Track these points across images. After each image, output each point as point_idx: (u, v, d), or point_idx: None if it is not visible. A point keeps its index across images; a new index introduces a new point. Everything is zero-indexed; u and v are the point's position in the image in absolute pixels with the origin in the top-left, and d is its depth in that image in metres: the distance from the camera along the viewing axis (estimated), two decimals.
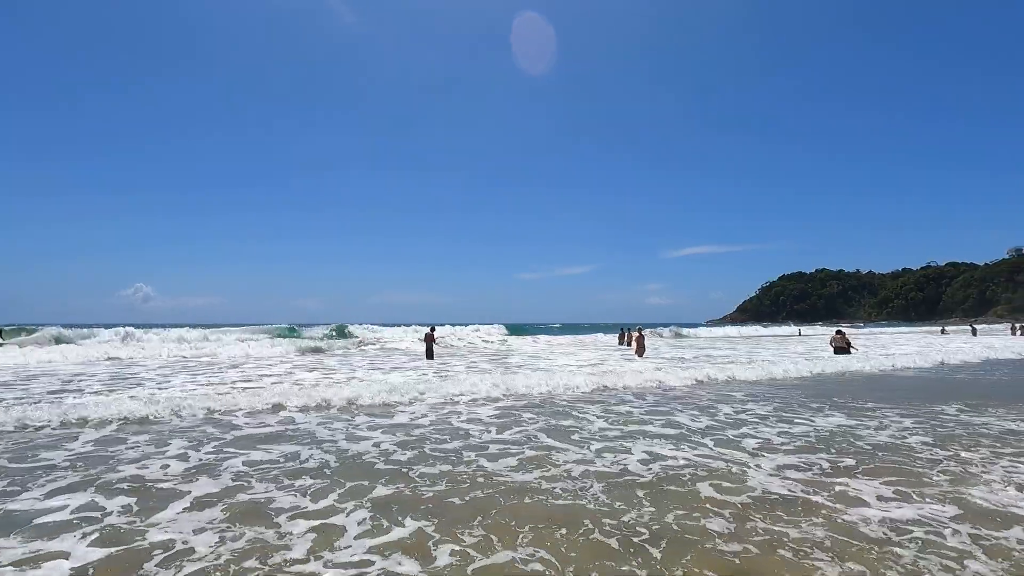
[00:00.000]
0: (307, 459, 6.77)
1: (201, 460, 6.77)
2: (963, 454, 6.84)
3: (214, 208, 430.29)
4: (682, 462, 6.53)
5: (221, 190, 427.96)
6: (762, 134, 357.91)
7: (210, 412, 9.61)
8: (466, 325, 46.94)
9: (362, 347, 32.55)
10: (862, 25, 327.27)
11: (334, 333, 39.25)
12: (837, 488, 5.50)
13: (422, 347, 29.32)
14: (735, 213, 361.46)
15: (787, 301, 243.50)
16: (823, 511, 4.86)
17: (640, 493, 5.36)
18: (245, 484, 5.77)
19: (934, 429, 8.34)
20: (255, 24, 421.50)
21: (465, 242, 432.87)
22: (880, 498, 5.19)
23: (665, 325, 67.24)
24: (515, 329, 51.43)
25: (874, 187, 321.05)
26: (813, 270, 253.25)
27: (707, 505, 5.03)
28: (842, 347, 22.39)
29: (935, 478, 5.80)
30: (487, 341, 37.53)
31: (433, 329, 23.30)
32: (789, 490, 5.44)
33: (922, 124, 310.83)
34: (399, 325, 46.21)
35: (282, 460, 6.75)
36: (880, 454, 6.85)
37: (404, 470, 6.25)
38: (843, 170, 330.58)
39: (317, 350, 29.39)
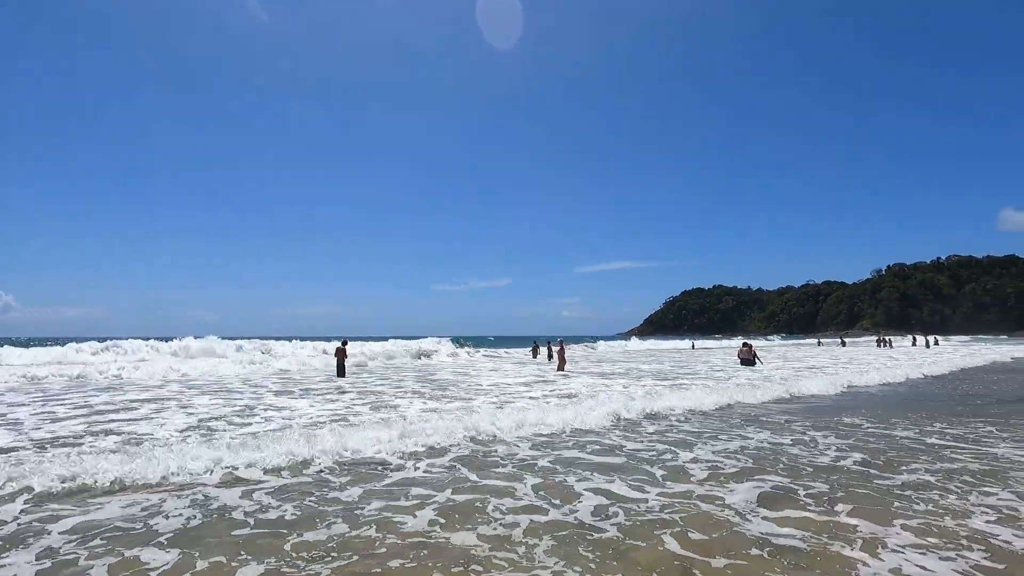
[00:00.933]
0: None
1: None
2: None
3: (90, 210, 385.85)
4: None
5: (95, 188, 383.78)
6: (673, 152, 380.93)
7: None
8: (384, 339, 44.64)
9: (255, 363, 29.52)
10: (754, 59, 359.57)
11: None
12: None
13: (321, 363, 27.56)
14: (645, 231, 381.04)
15: (688, 315, 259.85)
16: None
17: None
18: None
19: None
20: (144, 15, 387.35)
21: (380, 252, 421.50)
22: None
23: (579, 338, 68.93)
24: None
25: (765, 208, 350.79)
26: (711, 286, 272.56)
27: None
28: (748, 359, 23.62)
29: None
30: (420, 354, 35.96)
31: (345, 343, 21.76)
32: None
33: (805, 151, 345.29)
34: (306, 339, 43.12)
35: None
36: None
37: None
38: (740, 190, 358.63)
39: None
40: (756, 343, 70.06)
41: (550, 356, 35.26)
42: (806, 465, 7.00)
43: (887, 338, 65.49)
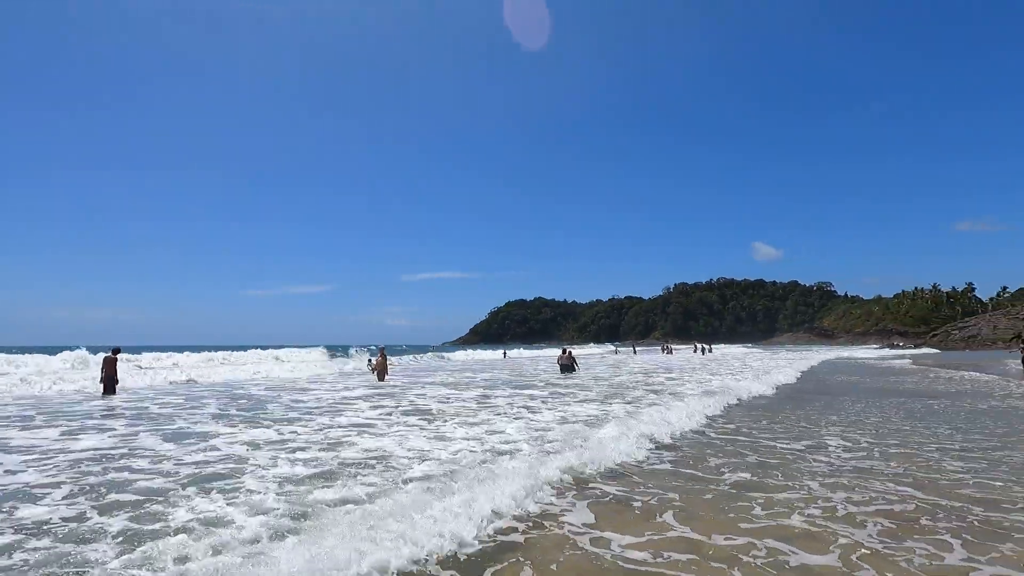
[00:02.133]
0: None
1: None
2: None
3: None
4: None
5: None
6: (499, 173, 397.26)
7: None
8: (180, 350, 37.81)
9: None
10: (578, 90, 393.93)
11: None
12: None
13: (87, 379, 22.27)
14: (472, 242, 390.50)
15: (511, 324, 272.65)
16: None
17: None
18: None
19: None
20: None
21: (183, 250, 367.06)
22: None
23: (409, 347, 67.27)
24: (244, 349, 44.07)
25: (581, 226, 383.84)
26: (533, 298, 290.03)
27: None
28: (567, 364, 24.91)
29: None
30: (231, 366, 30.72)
31: (117, 352, 17.69)
32: None
33: (615, 180, 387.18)
34: (62, 348, 34.25)
35: None
36: None
37: None
38: (560, 212, 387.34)
39: None
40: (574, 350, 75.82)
41: (373, 368, 33.47)
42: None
43: (670, 346, 75.33)
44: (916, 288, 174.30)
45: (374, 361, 32.21)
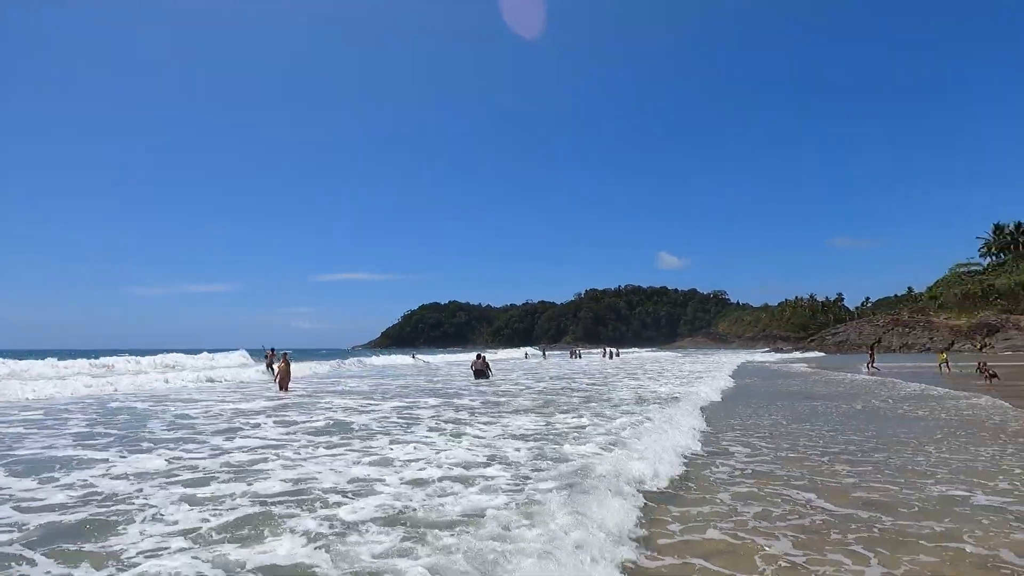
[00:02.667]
0: None
1: None
2: None
3: None
4: None
5: None
6: (406, 169, 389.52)
7: None
8: (43, 355, 32.11)
9: None
10: (502, 92, 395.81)
11: None
12: None
13: None
14: (385, 244, 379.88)
15: (425, 328, 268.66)
16: None
17: None
18: None
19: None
20: None
21: (46, 244, 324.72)
22: None
23: (314, 351, 63.80)
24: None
25: (497, 230, 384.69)
26: (447, 301, 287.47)
27: None
28: (481, 370, 24.53)
29: None
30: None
31: None
32: None
33: (531, 181, 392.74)
34: None
35: None
36: None
37: None
38: (477, 214, 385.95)
39: None
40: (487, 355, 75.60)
41: (269, 366, 30.96)
42: None
43: (579, 350, 77.44)
44: (796, 297, 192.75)
45: (276, 367, 29.89)
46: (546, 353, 76.06)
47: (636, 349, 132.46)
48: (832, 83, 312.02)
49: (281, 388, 20.91)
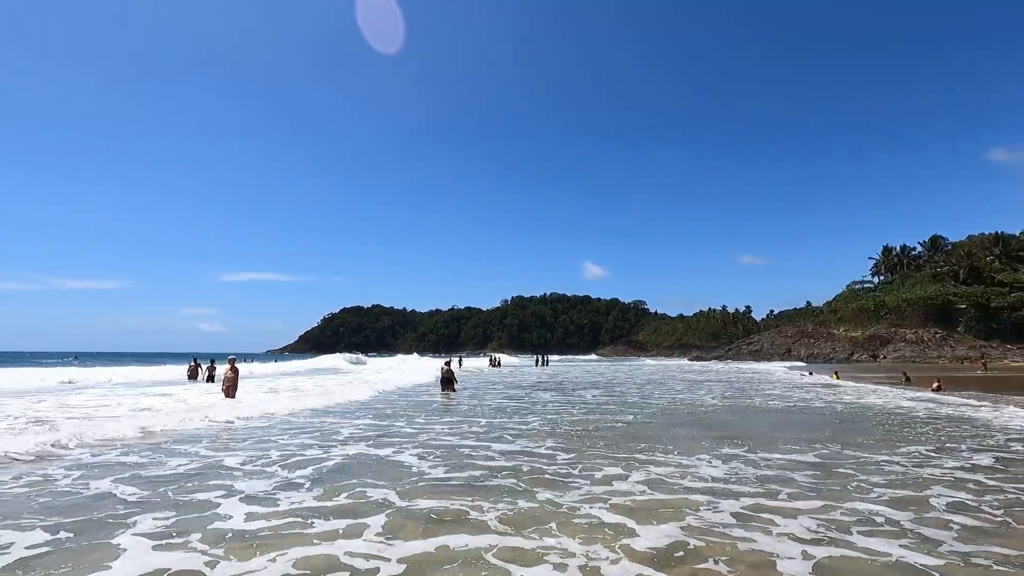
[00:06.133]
0: None
1: None
2: None
3: None
4: None
5: None
6: (320, 170, 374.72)
7: None
8: None
9: None
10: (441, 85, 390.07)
11: None
12: None
13: None
14: (304, 241, 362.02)
15: (346, 332, 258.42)
16: None
17: None
18: None
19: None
20: None
21: None
22: None
23: (224, 355, 58.41)
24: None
25: (421, 233, 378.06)
26: (370, 305, 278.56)
27: None
28: (448, 379, 23.16)
29: None
30: None
31: None
32: None
33: (459, 186, 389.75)
34: None
35: None
36: None
37: None
38: (400, 216, 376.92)
39: None
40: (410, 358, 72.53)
41: (210, 378, 27.99)
42: None
43: (497, 357, 75.80)
44: (710, 309, 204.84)
45: (223, 370, 27.25)
46: (462, 360, 54.67)
47: (560, 357, 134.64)
48: (717, 117, 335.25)
49: (228, 394, 18.81)
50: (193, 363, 30.54)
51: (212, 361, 29.71)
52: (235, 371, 19.37)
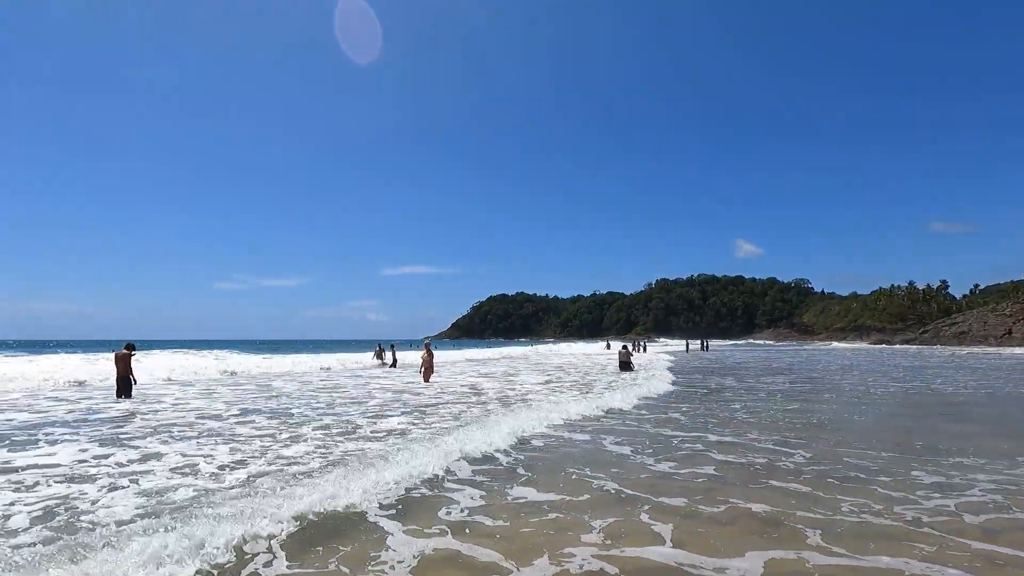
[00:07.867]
0: None
1: None
2: None
3: None
4: None
5: None
6: (484, 167, 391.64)
7: None
8: (167, 345, 34.27)
9: None
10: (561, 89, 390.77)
11: None
12: None
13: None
14: (453, 235, 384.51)
15: (493, 320, 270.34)
16: None
17: None
18: None
19: None
20: None
21: (149, 242, 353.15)
22: None
23: (388, 341, 64.06)
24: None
25: (562, 222, 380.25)
26: (515, 293, 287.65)
27: None
28: (626, 362, 22.89)
29: None
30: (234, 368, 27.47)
31: (132, 348, 14.91)
32: None
33: (595, 178, 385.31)
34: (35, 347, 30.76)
35: None
36: None
37: None
38: (542, 206, 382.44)
39: None
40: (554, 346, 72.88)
41: (394, 363, 30.83)
42: None
43: (643, 342, 71.59)
44: (893, 285, 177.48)
45: (388, 356, 29.69)
46: (610, 344, 65.14)
47: (720, 341, 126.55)
48: (919, 63, 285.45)
49: (424, 378, 20.29)
50: (379, 348, 34.20)
51: (392, 346, 32.72)
52: (430, 354, 20.74)
